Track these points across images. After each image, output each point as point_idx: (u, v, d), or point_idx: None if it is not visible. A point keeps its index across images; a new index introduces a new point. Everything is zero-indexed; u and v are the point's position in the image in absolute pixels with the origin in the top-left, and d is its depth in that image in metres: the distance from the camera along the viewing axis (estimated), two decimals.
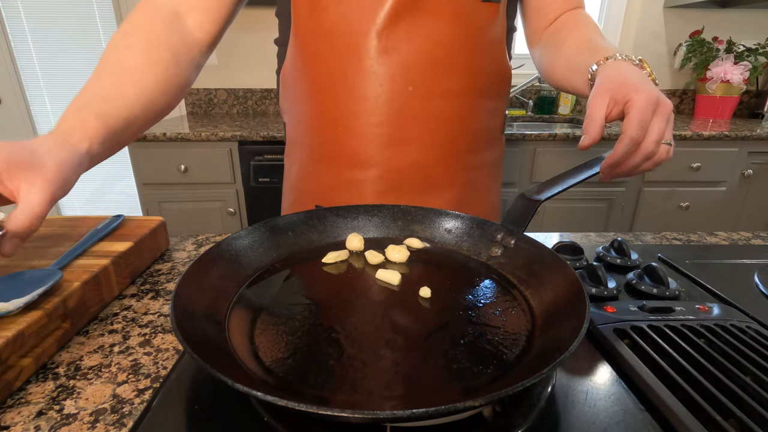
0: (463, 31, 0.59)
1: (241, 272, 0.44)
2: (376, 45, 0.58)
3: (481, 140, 0.68)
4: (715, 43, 1.93)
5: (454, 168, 0.66)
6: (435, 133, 0.63)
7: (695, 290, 0.48)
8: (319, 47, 0.60)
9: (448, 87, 0.61)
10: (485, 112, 0.66)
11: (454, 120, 0.63)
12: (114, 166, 2.33)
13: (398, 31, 0.57)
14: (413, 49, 0.58)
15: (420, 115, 0.62)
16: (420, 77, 0.60)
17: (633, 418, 0.29)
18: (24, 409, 0.31)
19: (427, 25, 0.57)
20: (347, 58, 0.59)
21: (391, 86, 0.60)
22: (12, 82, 2.15)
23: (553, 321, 0.36)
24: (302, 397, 0.29)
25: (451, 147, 0.65)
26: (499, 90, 0.68)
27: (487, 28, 0.61)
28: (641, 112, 0.43)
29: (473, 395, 0.29)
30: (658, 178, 1.66)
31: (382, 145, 0.63)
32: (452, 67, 0.60)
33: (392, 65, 0.59)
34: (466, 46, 0.60)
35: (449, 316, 0.38)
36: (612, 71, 0.48)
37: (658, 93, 0.45)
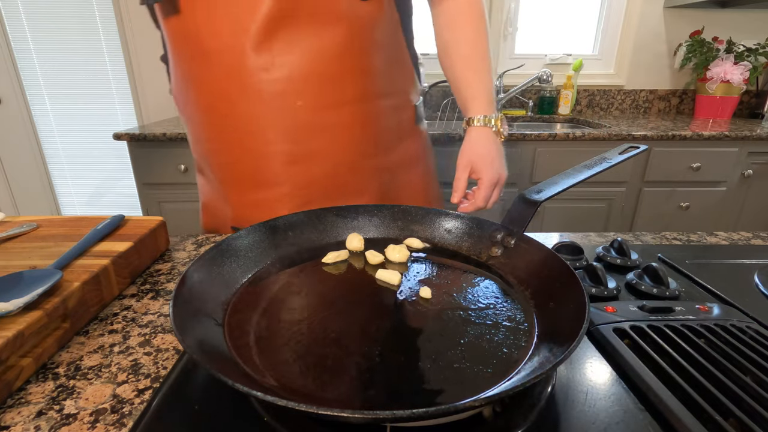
0: (346, 36, 0.55)
1: (241, 272, 0.44)
2: (255, 62, 0.54)
3: (389, 139, 0.66)
4: (715, 43, 1.93)
5: (366, 173, 0.65)
6: (337, 143, 0.61)
7: (695, 290, 0.48)
8: (199, 68, 0.57)
9: (340, 96, 0.58)
10: (387, 111, 0.64)
11: (353, 127, 0.61)
12: (114, 166, 2.34)
13: (277, 45, 0.53)
14: (296, 62, 0.54)
15: (316, 129, 0.59)
16: (308, 90, 0.56)
17: (633, 418, 0.29)
18: (24, 409, 0.31)
19: (307, 34, 0.54)
20: (228, 79, 0.55)
21: (279, 103, 0.56)
22: (12, 82, 2.15)
23: (553, 321, 0.36)
24: (302, 397, 0.29)
25: (356, 154, 0.62)
26: (399, 85, 0.65)
27: (373, 27, 0.57)
28: (487, 190, 0.65)
29: (473, 395, 0.29)
30: (658, 178, 1.66)
31: (284, 163, 0.60)
32: (341, 74, 0.57)
33: (276, 81, 0.55)
34: (353, 51, 0.57)
35: (449, 316, 0.38)
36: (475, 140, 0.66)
37: (501, 168, 0.66)
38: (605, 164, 0.53)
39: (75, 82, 2.17)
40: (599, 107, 2.17)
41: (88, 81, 2.16)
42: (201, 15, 0.53)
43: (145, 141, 1.53)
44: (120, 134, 1.52)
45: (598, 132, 1.60)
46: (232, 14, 0.52)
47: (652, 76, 2.11)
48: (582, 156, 1.60)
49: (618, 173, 1.65)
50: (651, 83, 2.13)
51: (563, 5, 2.07)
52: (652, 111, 2.17)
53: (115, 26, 2.02)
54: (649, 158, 1.63)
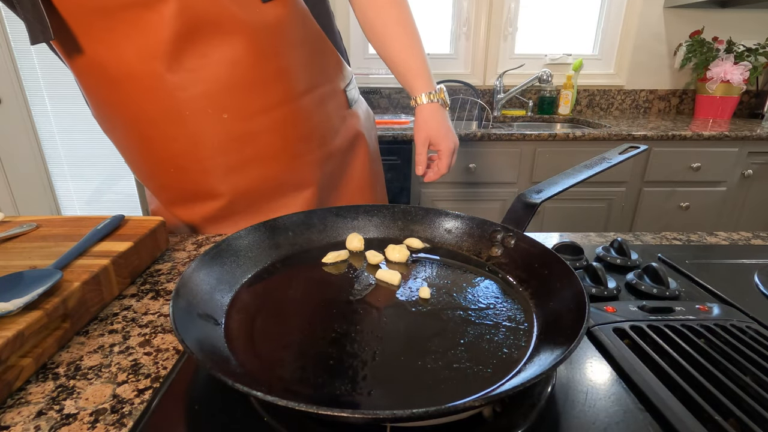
0: (256, 41, 0.53)
1: (241, 272, 0.44)
2: (171, 81, 0.52)
3: (323, 131, 0.66)
4: (715, 43, 1.93)
5: (304, 170, 0.65)
6: (270, 146, 0.60)
7: (695, 290, 0.48)
8: (116, 96, 0.55)
9: (264, 101, 0.57)
10: (314, 105, 0.63)
11: (284, 128, 0.60)
12: (114, 166, 2.34)
13: (188, 62, 0.52)
14: (212, 75, 0.53)
15: (247, 136, 0.58)
16: (230, 101, 0.55)
17: (633, 418, 0.29)
18: (24, 409, 0.31)
19: (216, 47, 0.52)
20: (147, 102, 0.54)
21: (203, 118, 0.55)
22: (12, 82, 2.15)
23: (553, 321, 0.36)
24: (302, 397, 0.29)
25: (292, 153, 0.62)
26: (323, 77, 0.64)
27: (282, 25, 0.55)
28: (447, 158, 0.73)
29: (473, 395, 0.29)
30: (658, 178, 1.66)
31: (222, 174, 0.60)
32: (260, 80, 0.56)
33: (196, 98, 0.54)
34: (267, 55, 0.55)
35: (449, 316, 0.38)
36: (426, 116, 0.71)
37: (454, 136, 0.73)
38: (605, 164, 0.53)
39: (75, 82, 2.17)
40: (599, 107, 2.17)
41: None
42: (104, 49, 0.51)
43: None
44: None
45: (598, 132, 1.60)
46: (137, 42, 0.50)
47: (652, 76, 2.12)
48: (582, 156, 1.60)
49: (618, 173, 1.65)
50: (651, 83, 2.13)
51: (563, 5, 2.07)
52: (652, 111, 2.18)
53: None
54: (649, 158, 1.63)
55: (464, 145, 1.59)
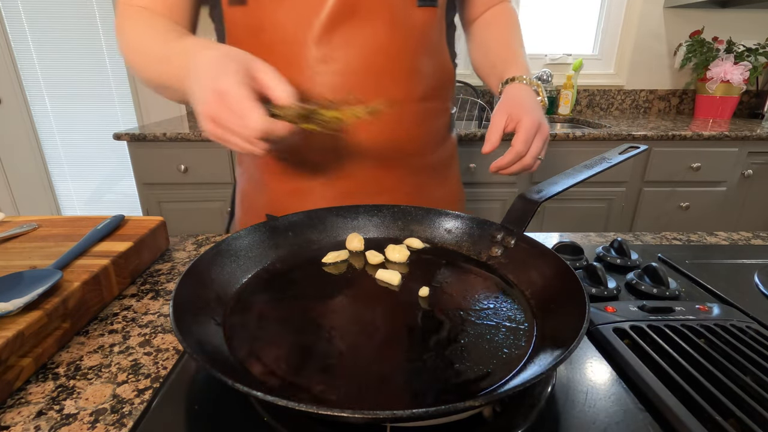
0: (401, 37, 0.58)
1: (241, 272, 0.44)
2: (315, 54, 0.56)
3: (427, 143, 0.68)
4: (715, 43, 1.93)
5: (398, 171, 0.66)
6: (380, 138, 0.62)
7: (695, 290, 0.48)
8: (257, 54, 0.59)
9: (389, 94, 0.60)
10: (429, 115, 0.66)
11: (396, 124, 0.63)
12: (114, 166, 2.34)
13: (336, 40, 0.56)
14: (352, 57, 0.57)
15: (364, 123, 0.59)
16: (361, 85, 0.58)
17: (633, 418, 0.29)
18: (24, 409, 0.31)
19: (365, 32, 0.56)
20: (286, 69, 0.56)
21: (332, 95, 0.58)
22: (12, 82, 2.15)
23: (553, 321, 0.36)
24: (302, 397, 0.29)
25: (394, 151, 0.64)
26: (442, 92, 0.68)
27: (425, 31, 0.60)
28: (526, 133, 0.56)
29: (473, 395, 0.29)
30: (658, 178, 1.66)
31: (329, 152, 0.62)
32: (392, 73, 0.60)
33: (333, 74, 0.57)
34: (405, 52, 0.59)
35: (449, 316, 0.38)
36: (515, 93, 0.62)
37: (542, 118, 0.59)
38: (605, 164, 0.53)
39: (75, 82, 2.17)
40: (599, 107, 2.17)
41: (88, 81, 2.16)
42: (268, 9, 0.56)
43: (145, 141, 1.53)
44: (120, 134, 1.52)
45: (598, 132, 1.60)
46: (297, 9, 0.55)
47: (652, 76, 2.11)
48: (582, 156, 1.60)
49: (618, 173, 1.65)
50: (651, 83, 2.13)
51: (563, 5, 2.07)
52: (652, 111, 2.18)
53: None
54: (649, 158, 1.63)
55: (464, 145, 1.59)
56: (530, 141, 0.57)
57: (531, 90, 0.63)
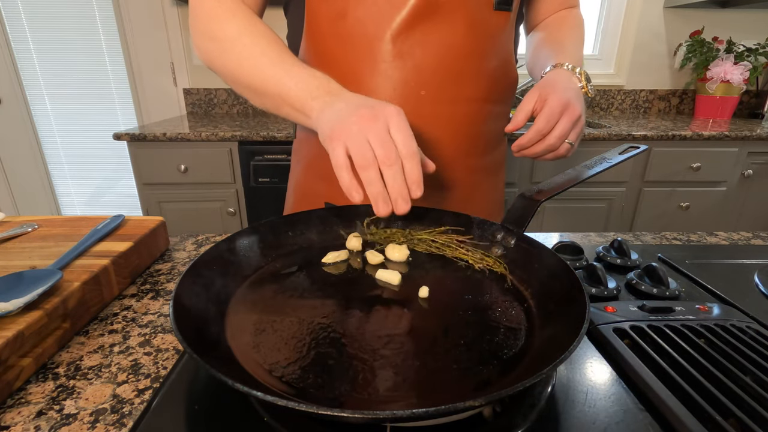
0: (475, 39, 0.59)
1: (241, 272, 0.44)
2: (391, 49, 0.58)
3: (486, 144, 0.69)
4: (715, 43, 1.93)
5: (459, 170, 0.67)
6: (445, 135, 0.64)
7: (695, 290, 0.48)
8: (335, 50, 0.61)
9: (458, 92, 0.61)
10: (491, 116, 0.67)
11: (462, 124, 0.64)
12: (114, 166, 2.34)
13: (413, 37, 0.57)
14: (427, 54, 0.58)
15: (430, 119, 0.62)
16: (432, 82, 0.60)
17: (633, 418, 0.29)
18: (24, 409, 0.31)
19: (442, 31, 0.58)
20: (362, 61, 0.59)
21: (404, 90, 0.60)
22: (12, 82, 2.15)
23: (553, 321, 0.36)
24: (302, 397, 0.29)
25: (457, 150, 0.65)
26: (505, 95, 0.69)
27: (497, 35, 0.62)
28: (550, 110, 0.54)
29: (473, 395, 0.29)
30: (658, 178, 1.66)
31: None
32: (463, 73, 0.60)
33: (406, 69, 0.59)
34: (477, 53, 0.60)
35: (449, 316, 0.38)
36: (551, 75, 0.61)
37: (572, 98, 0.56)
38: (605, 164, 0.53)
39: (75, 82, 2.17)
40: (599, 107, 2.17)
41: (88, 81, 2.16)
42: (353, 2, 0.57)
43: (145, 141, 1.53)
44: (120, 134, 1.52)
45: (598, 132, 1.60)
46: (380, 4, 0.56)
47: (652, 76, 2.11)
48: (582, 156, 1.60)
49: (618, 173, 1.65)
50: (651, 83, 2.13)
51: None
52: (652, 111, 2.17)
53: (115, 26, 2.02)
54: (649, 158, 1.63)
55: None
56: (554, 119, 0.55)
57: (571, 75, 0.61)
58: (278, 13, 0.72)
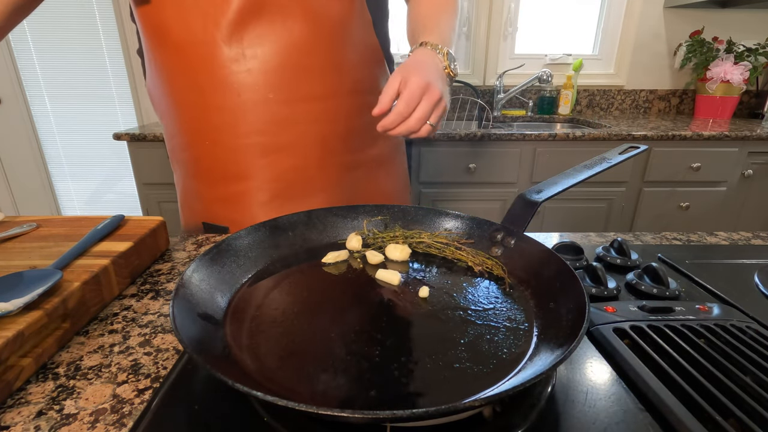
0: (316, 30, 0.56)
1: (241, 272, 0.44)
2: (227, 53, 0.55)
3: (360, 138, 0.66)
4: (715, 43, 1.93)
5: (333, 169, 0.64)
6: (306, 137, 0.61)
7: (695, 290, 0.48)
8: (171, 60, 0.57)
9: (310, 90, 0.58)
10: (359, 108, 0.64)
11: (323, 122, 0.61)
12: (114, 166, 2.34)
13: (247, 37, 0.54)
14: (267, 54, 0.55)
15: (287, 121, 0.59)
16: (279, 83, 0.57)
17: (633, 418, 0.29)
18: (24, 409, 0.31)
19: (276, 28, 0.54)
20: (199, 70, 0.56)
21: (250, 95, 0.57)
22: (12, 82, 2.15)
23: (553, 321, 0.36)
24: (302, 397, 0.29)
25: (325, 149, 0.63)
26: (373, 84, 0.65)
27: (344, 23, 0.58)
28: (410, 92, 0.53)
29: (473, 395, 0.29)
30: (658, 178, 1.66)
31: (254, 155, 0.60)
32: (311, 68, 0.57)
33: (247, 73, 0.56)
34: (322, 46, 0.57)
35: (449, 316, 0.38)
36: (415, 56, 0.59)
37: (432, 80, 0.54)
38: (605, 164, 0.53)
39: (75, 82, 2.17)
40: (599, 107, 2.17)
41: (88, 81, 2.16)
42: (170, 8, 0.54)
43: (145, 141, 1.53)
44: (120, 134, 1.52)
45: (598, 132, 1.60)
46: (202, 7, 0.53)
47: (652, 76, 2.11)
48: (582, 156, 1.60)
49: (618, 173, 1.65)
50: (651, 83, 2.13)
51: (563, 5, 2.07)
52: (652, 111, 2.17)
53: (115, 26, 2.02)
54: (649, 158, 1.63)
55: (464, 145, 1.59)
56: (414, 102, 0.53)
57: (435, 55, 0.58)
58: None
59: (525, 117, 2.08)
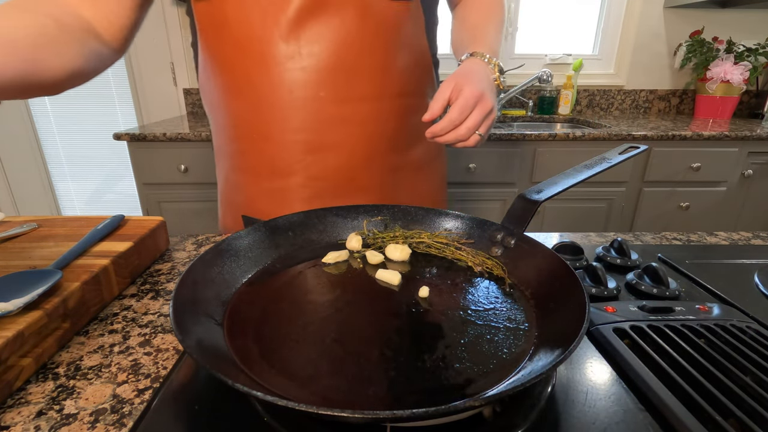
0: (372, 32, 0.57)
1: (241, 272, 0.44)
2: (283, 50, 0.55)
3: (404, 140, 0.67)
4: (715, 43, 1.93)
5: (376, 170, 0.65)
6: (353, 137, 0.62)
7: (695, 290, 0.48)
8: (227, 54, 0.58)
9: (361, 90, 0.59)
10: (406, 111, 0.65)
11: (370, 123, 0.62)
12: (114, 166, 2.34)
13: (304, 36, 0.55)
14: (322, 53, 0.56)
15: (335, 120, 0.60)
16: (331, 82, 0.58)
17: (633, 418, 0.29)
18: (24, 409, 0.31)
19: (334, 27, 0.55)
20: (255, 66, 0.57)
21: (302, 93, 0.57)
22: None
23: (553, 321, 0.36)
24: (302, 397, 0.29)
25: (370, 150, 0.63)
26: (422, 87, 0.66)
27: (399, 26, 0.59)
28: (465, 101, 0.54)
29: (473, 395, 0.29)
30: (658, 178, 1.66)
31: (301, 152, 0.61)
32: (364, 69, 0.58)
33: (302, 71, 0.57)
34: (377, 47, 0.58)
35: (449, 316, 0.38)
36: (467, 65, 0.60)
37: (486, 91, 0.56)
38: (605, 164, 0.53)
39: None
40: (599, 107, 2.17)
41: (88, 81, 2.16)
42: (232, 4, 0.55)
43: (145, 141, 1.53)
44: (120, 134, 1.52)
45: (598, 132, 1.60)
46: (262, 5, 0.54)
47: (652, 76, 2.11)
48: (582, 156, 1.60)
49: (618, 173, 1.65)
50: (651, 83, 2.13)
51: (563, 5, 2.07)
52: (652, 111, 2.17)
53: None
54: (649, 158, 1.63)
55: None
56: (467, 110, 0.54)
57: (486, 66, 0.61)
58: None
59: (525, 117, 2.08)
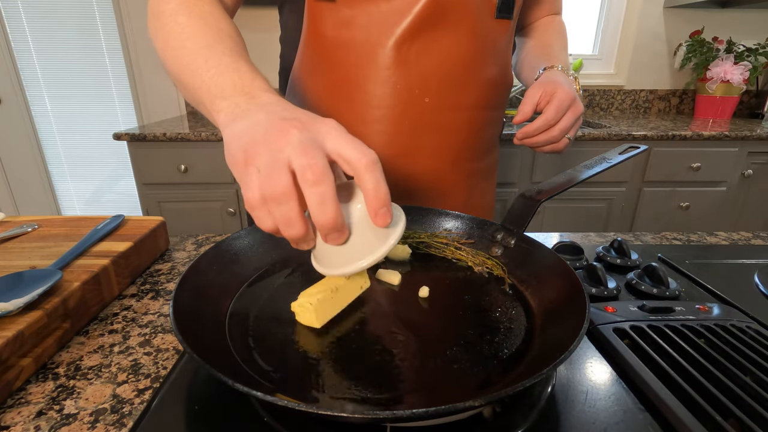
0: (477, 47, 0.60)
1: (241, 272, 0.44)
2: (395, 56, 0.58)
3: (483, 148, 0.70)
4: (715, 43, 1.93)
5: (459, 175, 0.68)
6: (447, 142, 0.64)
7: (695, 290, 0.48)
8: (337, 55, 0.60)
9: (460, 100, 0.62)
10: (489, 122, 0.68)
11: (462, 131, 0.65)
12: (114, 166, 2.34)
13: (417, 44, 0.58)
14: (431, 62, 0.59)
15: (433, 126, 0.62)
16: (436, 89, 0.60)
17: (633, 418, 0.29)
18: (24, 409, 0.31)
19: (445, 39, 0.58)
20: (365, 67, 0.59)
21: (408, 97, 0.60)
22: (12, 82, 2.15)
23: (553, 321, 0.36)
24: (302, 397, 0.29)
25: (457, 156, 0.66)
26: (502, 101, 0.70)
27: (498, 42, 0.62)
28: (560, 102, 0.57)
29: (473, 395, 0.29)
30: (658, 178, 1.66)
31: (395, 154, 0.63)
32: (466, 80, 0.61)
33: (410, 77, 0.59)
34: (479, 61, 0.61)
35: (449, 316, 0.38)
36: (550, 74, 0.64)
37: (577, 96, 0.59)
38: (605, 164, 0.53)
39: (75, 82, 2.17)
40: (599, 107, 2.17)
41: (88, 81, 2.16)
42: (357, 7, 0.57)
43: (145, 141, 1.53)
44: (120, 134, 1.52)
45: (598, 132, 1.60)
46: (384, 11, 0.56)
47: (652, 76, 2.11)
48: (582, 156, 1.60)
49: (618, 173, 1.65)
50: (651, 83, 2.13)
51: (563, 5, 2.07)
52: (652, 111, 2.17)
53: (115, 26, 2.02)
54: (649, 158, 1.63)
55: None
56: (562, 111, 0.57)
57: (567, 76, 0.64)
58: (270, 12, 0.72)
59: None
